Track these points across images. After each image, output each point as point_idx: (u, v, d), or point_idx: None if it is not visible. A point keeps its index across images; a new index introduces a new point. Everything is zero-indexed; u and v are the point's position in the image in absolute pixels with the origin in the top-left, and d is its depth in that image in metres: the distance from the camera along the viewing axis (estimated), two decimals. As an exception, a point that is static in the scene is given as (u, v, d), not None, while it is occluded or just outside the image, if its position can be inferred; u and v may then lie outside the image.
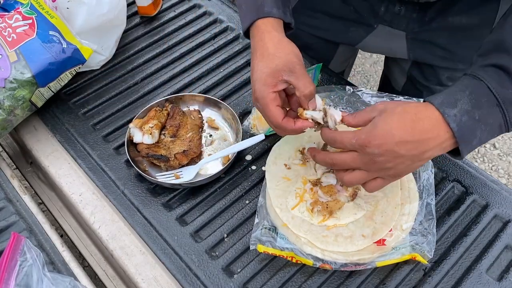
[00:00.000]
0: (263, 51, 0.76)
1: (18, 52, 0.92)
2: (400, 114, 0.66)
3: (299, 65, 0.74)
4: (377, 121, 0.67)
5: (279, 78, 0.73)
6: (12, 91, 0.91)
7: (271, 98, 0.74)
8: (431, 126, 0.65)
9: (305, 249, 0.76)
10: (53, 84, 0.97)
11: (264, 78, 0.73)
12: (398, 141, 0.65)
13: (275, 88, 0.74)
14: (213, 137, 0.96)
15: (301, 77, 0.74)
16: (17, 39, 0.93)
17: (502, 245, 0.81)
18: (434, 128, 0.65)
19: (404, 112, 0.67)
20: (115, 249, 0.83)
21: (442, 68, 1.05)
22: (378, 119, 0.67)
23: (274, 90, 0.74)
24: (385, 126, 0.66)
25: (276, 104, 0.74)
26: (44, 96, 0.97)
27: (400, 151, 0.65)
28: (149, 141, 0.90)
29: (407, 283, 0.77)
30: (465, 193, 0.87)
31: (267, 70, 0.74)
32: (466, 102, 0.65)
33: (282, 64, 0.74)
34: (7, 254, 0.75)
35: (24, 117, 0.96)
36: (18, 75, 0.91)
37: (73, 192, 0.90)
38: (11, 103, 0.91)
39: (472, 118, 0.65)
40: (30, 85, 0.92)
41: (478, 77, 0.67)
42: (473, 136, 0.66)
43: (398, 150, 0.65)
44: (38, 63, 0.93)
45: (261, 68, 0.74)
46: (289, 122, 0.74)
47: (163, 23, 1.20)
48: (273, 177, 0.84)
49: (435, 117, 0.65)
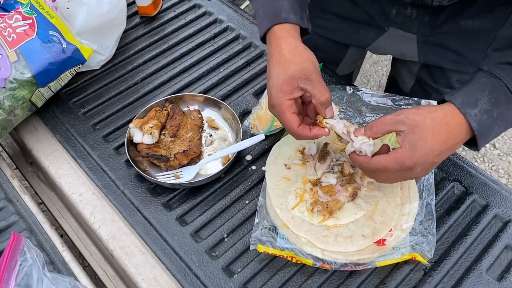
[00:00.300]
0: (280, 57, 0.76)
1: (18, 52, 0.92)
2: (433, 128, 0.68)
3: (315, 72, 0.74)
4: (414, 141, 0.68)
5: (295, 85, 0.74)
6: (12, 91, 0.91)
7: (287, 106, 0.74)
8: (459, 131, 0.69)
9: (305, 249, 0.76)
10: (53, 84, 0.97)
11: (280, 85, 0.74)
12: (438, 154, 0.69)
13: (291, 95, 0.74)
14: (213, 137, 0.96)
15: (317, 84, 0.74)
16: (17, 39, 0.93)
17: (502, 245, 0.81)
18: (461, 131, 0.69)
19: (436, 125, 0.69)
20: (115, 249, 0.83)
21: (452, 71, 1.05)
22: (414, 139, 0.68)
23: (290, 98, 0.74)
24: (425, 146, 0.68)
25: (292, 111, 0.74)
26: (44, 96, 0.97)
27: (437, 160, 0.70)
28: (149, 141, 0.90)
29: (407, 283, 0.77)
30: (465, 193, 0.87)
31: (283, 77, 0.74)
32: (486, 101, 0.69)
33: (298, 71, 0.74)
34: (7, 254, 0.75)
35: (24, 117, 0.96)
36: (18, 75, 0.91)
37: (73, 192, 0.90)
38: (11, 103, 0.91)
39: (491, 116, 0.69)
40: (30, 85, 0.92)
41: (496, 76, 0.70)
42: (491, 131, 0.70)
43: (437, 160, 0.70)
44: (38, 63, 0.93)
45: (277, 75, 0.74)
46: (304, 130, 0.75)
47: (163, 23, 1.20)
48: (273, 177, 0.84)
49: (461, 121, 0.69)
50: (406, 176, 0.71)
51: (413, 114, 0.69)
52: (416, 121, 0.68)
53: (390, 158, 0.69)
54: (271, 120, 0.93)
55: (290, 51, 0.76)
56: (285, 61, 0.75)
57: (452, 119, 0.69)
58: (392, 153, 0.69)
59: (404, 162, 0.68)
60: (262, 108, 0.95)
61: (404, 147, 0.68)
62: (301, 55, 0.75)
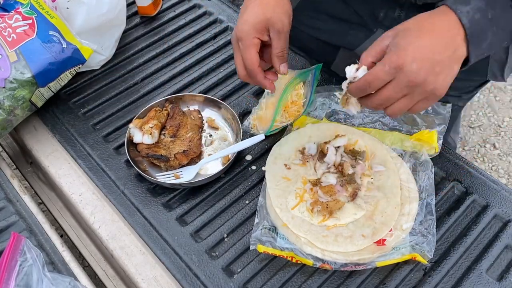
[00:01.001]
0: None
1: (18, 52, 0.92)
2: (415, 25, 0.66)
3: (287, 27, 0.77)
4: (397, 41, 0.66)
5: (267, 29, 0.76)
6: (12, 91, 0.91)
7: (255, 43, 0.77)
8: (448, 24, 0.65)
9: (305, 249, 0.76)
10: (53, 84, 0.97)
11: (255, 22, 0.76)
12: (427, 47, 0.64)
13: (261, 36, 0.77)
14: (213, 137, 0.96)
15: (283, 39, 0.77)
16: (17, 39, 0.93)
17: (502, 245, 0.81)
18: (451, 25, 0.65)
19: (418, 22, 0.67)
20: (115, 249, 0.83)
21: None
22: (397, 40, 0.66)
23: (259, 37, 0.77)
24: (409, 39, 0.65)
25: (256, 49, 0.77)
26: (44, 96, 0.97)
27: (433, 55, 0.64)
28: (149, 141, 0.90)
29: (407, 283, 0.77)
30: (465, 193, 0.87)
31: (261, 17, 0.76)
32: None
33: (276, 19, 0.76)
34: (7, 254, 0.75)
35: (24, 117, 0.96)
36: (18, 75, 0.91)
37: (73, 192, 0.90)
38: (11, 103, 0.91)
39: (485, 16, 0.65)
40: (30, 85, 0.92)
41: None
42: (484, 36, 0.65)
43: (432, 55, 0.64)
44: (38, 63, 0.93)
45: (256, 13, 0.76)
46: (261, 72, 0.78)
47: (163, 23, 1.20)
48: (273, 177, 0.84)
49: (449, 15, 0.65)
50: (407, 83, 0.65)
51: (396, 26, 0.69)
52: (397, 28, 0.68)
53: (378, 63, 0.67)
54: (271, 120, 0.93)
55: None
56: (267, 4, 0.77)
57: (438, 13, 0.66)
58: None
59: (391, 60, 0.65)
60: (262, 108, 0.95)
61: (389, 50, 0.66)
62: (284, 6, 0.78)
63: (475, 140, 2.14)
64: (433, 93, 0.67)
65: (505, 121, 2.19)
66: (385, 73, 0.66)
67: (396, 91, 0.67)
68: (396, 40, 0.66)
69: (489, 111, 2.23)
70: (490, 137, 2.14)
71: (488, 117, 2.21)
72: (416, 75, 0.64)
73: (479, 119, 2.21)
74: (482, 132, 2.16)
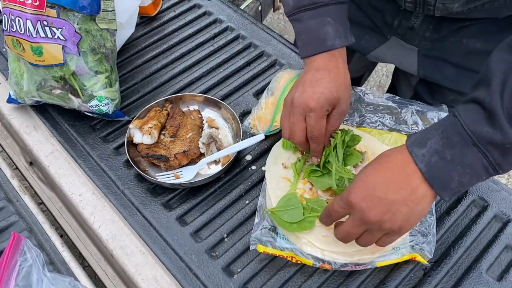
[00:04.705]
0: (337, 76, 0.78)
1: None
2: (373, 162, 0.67)
3: (348, 110, 0.80)
4: (355, 178, 0.68)
5: (334, 105, 0.77)
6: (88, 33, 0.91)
7: (325, 116, 0.77)
8: (403, 164, 0.63)
9: (305, 249, 0.76)
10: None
11: (330, 98, 0.76)
12: (378, 185, 0.64)
13: (329, 109, 0.77)
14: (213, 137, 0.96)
15: (341, 119, 0.80)
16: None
17: (502, 245, 0.81)
18: (405, 165, 0.63)
19: (377, 159, 0.67)
20: (115, 249, 0.83)
21: (449, 90, 1.04)
22: (356, 177, 0.68)
23: (328, 110, 0.77)
24: (361, 177, 0.66)
25: (325, 121, 0.78)
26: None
27: (386, 195, 0.63)
28: (148, 142, 0.90)
29: (407, 283, 0.77)
30: (465, 193, 0.87)
31: (335, 95, 0.76)
32: (436, 141, 0.62)
33: (343, 101, 0.78)
34: (7, 254, 0.75)
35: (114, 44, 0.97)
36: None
37: (73, 192, 0.90)
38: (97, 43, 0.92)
39: (443, 158, 0.61)
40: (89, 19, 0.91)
41: (455, 114, 0.63)
42: (449, 178, 0.61)
43: (382, 195, 0.63)
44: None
45: (331, 88, 0.76)
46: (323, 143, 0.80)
47: (163, 23, 1.20)
48: (273, 177, 0.84)
49: (405, 156, 0.64)
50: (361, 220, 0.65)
51: None
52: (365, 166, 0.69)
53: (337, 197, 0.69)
54: (271, 120, 0.93)
55: (344, 76, 0.79)
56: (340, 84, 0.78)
57: (396, 152, 0.66)
58: None
59: (343, 196, 0.66)
60: (262, 108, 0.95)
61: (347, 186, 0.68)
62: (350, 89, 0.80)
63: (475, 140, 2.13)
64: (393, 231, 0.65)
65: (505, 121, 2.19)
66: (340, 207, 0.67)
67: (354, 227, 0.66)
68: (355, 177, 0.67)
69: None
70: (490, 137, 2.14)
71: (488, 117, 2.21)
72: (367, 213, 0.63)
73: (479, 119, 2.20)
74: (482, 132, 2.16)
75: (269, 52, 1.11)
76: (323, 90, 0.76)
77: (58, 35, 0.88)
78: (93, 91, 0.93)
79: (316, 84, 0.77)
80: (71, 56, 0.90)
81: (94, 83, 0.93)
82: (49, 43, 0.88)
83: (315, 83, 0.77)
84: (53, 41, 0.88)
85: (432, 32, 0.95)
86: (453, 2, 0.85)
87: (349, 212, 0.67)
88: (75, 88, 0.93)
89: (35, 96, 0.95)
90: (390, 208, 0.63)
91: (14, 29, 0.89)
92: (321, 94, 0.76)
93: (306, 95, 0.76)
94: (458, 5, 0.85)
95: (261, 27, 1.17)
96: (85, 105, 0.94)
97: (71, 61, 0.90)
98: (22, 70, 0.94)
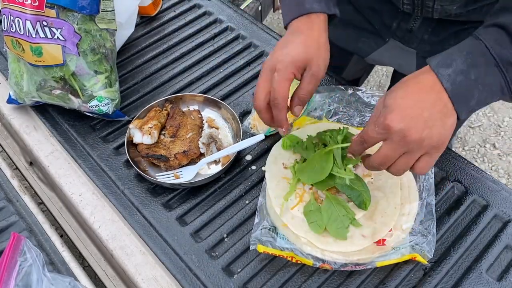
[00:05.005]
0: (309, 38, 0.76)
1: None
2: (400, 86, 0.67)
3: (322, 74, 0.77)
4: (385, 103, 0.67)
5: (304, 69, 0.75)
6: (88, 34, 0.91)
7: (290, 78, 0.75)
8: (432, 83, 0.66)
9: (305, 249, 0.76)
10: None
11: (297, 59, 0.74)
12: (413, 105, 0.65)
13: (297, 73, 0.75)
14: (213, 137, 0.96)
15: (313, 84, 0.76)
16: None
17: (502, 245, 0.81)
18: (434, 84, 0.65)
19: (403, 82, 0.68)
20: (115, 249, 0.83)
21: None
22: (385, 102, 0.67)
23: (295, 74, 0.75)
24: (394, 101, 0.66)
25: (290, 84, 0.75)
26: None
27: (422, 113, 0.64)
28: (148, 142, 0.90)
29: (407, 283, 0.77)
30: (465, 193, 0.87)
31: (303, 56, 0.75)
32: (462, 61, 0.65)
33: (315, 62, 0.75)
34: (7, 254, 0.75)
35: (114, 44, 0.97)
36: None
37: (73, 192, 0.90)
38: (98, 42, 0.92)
39: (468, 78, 0.65)
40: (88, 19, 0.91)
41: (478, 37, 0.66)
42: (470, 96, 0.65)
43: (420, 112, 0.64)
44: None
45: (299, 49, 0.75)
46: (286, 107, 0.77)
47: (163, 23, 1.20)
48: (273, 177, 0.84)
49: (432, 77, 0.66)
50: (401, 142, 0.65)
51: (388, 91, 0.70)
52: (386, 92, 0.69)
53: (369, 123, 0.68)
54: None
55: (317, 39, 0.77)
56: (310, 46, 0.76)
57: (422, 73, 0.67)
58: None
59: (379, 121, 0.66)
60: (262, 108, 0.95)
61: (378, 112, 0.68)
62: (325, 51, 0.77)
63: (475, 140, 2.14)
64: (432, 147, 0.66)
65: (505, 121, 2.19)
66: (376, 133, 0.67)
67: (393, 150, 0.67)
68: (385, 102, 0.67)
69: (489, 111, 2.23)
70: (490, 137, 2.14)
71: (488, 117, 2.21)
72: (406, 133, 0.64)
73: (479, 119, 2.21)
74: (482, 132, 2.16)
75: (269, 52, 1.11)
76: (289, 51, 0.75)
77: (58, 36, 0.88)
78: (93, 91, 0.93)
79: (284, 45, 0.76)
80: (70, 56, 0.90)
81: (94, 83, 0.93)
82: (49, 44, 0.88)
83: (284, 44, 0.76)
84: (52, 42, 0.88)
85: (431, 34, 0.95)
86: (452, 4, 0.85)
87: (387, 136, 0.66)
88: (75, 89, 0.93)
89: (35, 97, 0.95)
90: (427, 124, 0.64)
91: (13, 30, 0.89)
92: (286, 54, 0.74)
93: (274, 57, 0.75)
94: (457, 7, 0.85)
95: (261, 27, 1.17)
96: (85, 105, 0.94)
97: (71, 61, 0.90)
98: (22, 71, 0.94)
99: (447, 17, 0.88)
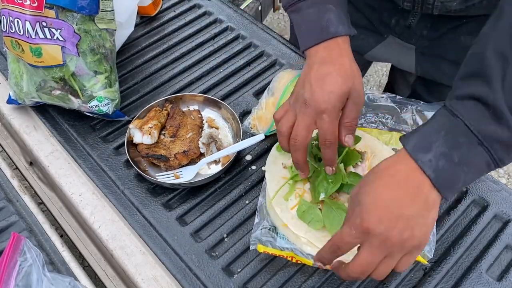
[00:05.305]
0: (342, 67, 0.73)
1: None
2: (374, 179, 0.62)
3: (363, 99, 0.74)
4: (358, 199, 0.61)
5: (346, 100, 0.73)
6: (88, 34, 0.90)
7: (338, 116, 0.72)
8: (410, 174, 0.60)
9: (305, 249, 0.76)
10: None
11: (339, 94, 0.71)
12: (391, 203, 0.60)
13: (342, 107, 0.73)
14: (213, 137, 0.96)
15: (357, 110, 0.73)
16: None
17: (502, 245, 0.81)
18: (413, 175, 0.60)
19: (377, 175, 0.62)
20: (115, 249, 0.83)
21: (447, 87, 1.02)
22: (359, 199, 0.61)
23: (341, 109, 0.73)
24: (369, 198, 0.60)
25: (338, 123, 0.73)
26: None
27: (402, 211, 0.59)
28: (148, 142, 0.90)
29: (407, 283, 0.77)
30: (465, 193, 0.87)
31: (344, 89, 0.71)
32: (441, 144, 0.59)
33: (355, 91, 0.72)
34: (7, 254, 0.75)
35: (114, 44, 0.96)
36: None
37: (73, 192, 0.90)
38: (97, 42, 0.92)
39: (451, 161, 0.59)
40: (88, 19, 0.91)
41: (455, 114, 0.60)
42: (457, 180, 0.60)
43: (399, 211, 0.59)
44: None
45: (339, 83, 0.71)
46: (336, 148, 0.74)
47: (163, 23, 1.20)
48: (273, 177, 0.84)
49: (410, 164, 0.60)
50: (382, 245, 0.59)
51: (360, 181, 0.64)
52: (359, 184, 0.63)
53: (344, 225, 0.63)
54: (271, 120, 0.93)
55: (350, 66, 0.73)
56: (347, 75, 0.72)
57: (398, 161, 0.61)
58: None
59: (355, 223, 0.60)
60: (262, 108, 0.95)
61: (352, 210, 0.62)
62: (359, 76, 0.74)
63: (475, 140, 2.13)
64: (414, 246, 0.61)
65: (505, 121, 2.19)
66: (353, 237, 0.61)
67: (373, 255, 0.60)
68: (359, 197, 0.61)
69: (489, 111, 2.22)
70: (490, 137, 2.14)
71: (488, 117, 2.21)
72: (387, 236, 0.59)
73: (479, 119, 2.20)
74: (482, 132, 2.16)
75: (269, 52, 1.11)
76: (332, 88, 0.71)
77: (57, 36, 0.88)
78: (93, 92, 0.93)
79: (323, 82, 0.72)
80: (70, 56, 0.90)
81: (93, 84, 0.93)
82: (48, 44, 0.88)
83: (322, 81, 0.72)
84: (52, 42, 0.88)
85: (430, 30, 0.95)
86: (452, 1, 0.85)
87: (364, 240, 0.60)
88: (75, 89, 0.93)
89: (34, 97, 0.95)
90: (408, 223, 0.59)
91: (13, 30, 0.89)
92: (330, 93, 0.70)
93: (315, 96, 0.71)
94: (457, 3, 0.85)
95: (261, 27, 1.17)
96: (85, 105, 0.94)
97: (71, 61, 0.90)
98: (22, 71, 0.94)
99: (447, 13, 0.88)
